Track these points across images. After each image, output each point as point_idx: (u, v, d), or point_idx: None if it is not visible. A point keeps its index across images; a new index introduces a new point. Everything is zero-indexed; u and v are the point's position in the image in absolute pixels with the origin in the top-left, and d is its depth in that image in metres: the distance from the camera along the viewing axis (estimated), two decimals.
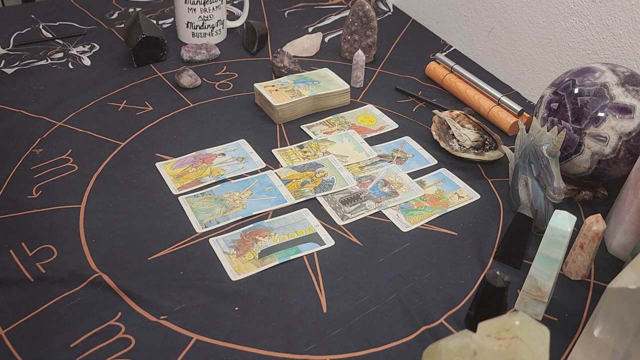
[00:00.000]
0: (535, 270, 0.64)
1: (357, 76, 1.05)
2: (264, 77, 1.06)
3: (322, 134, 0.94)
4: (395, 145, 0.93)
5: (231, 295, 0.67)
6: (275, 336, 0.64)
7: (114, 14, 1.24)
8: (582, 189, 0.84)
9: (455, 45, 1.21)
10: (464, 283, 0.71)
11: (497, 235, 0.78)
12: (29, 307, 0.64)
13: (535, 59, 1.04)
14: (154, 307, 0.65)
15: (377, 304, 0.68)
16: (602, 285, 0.72)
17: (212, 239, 0.74)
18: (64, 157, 0.86)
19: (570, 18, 0.96)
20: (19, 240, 0.72)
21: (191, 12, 1.11)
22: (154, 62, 1.08)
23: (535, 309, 0.66)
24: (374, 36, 1.11)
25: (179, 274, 0.69)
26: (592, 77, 0.77)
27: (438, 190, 0.84)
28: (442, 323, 0.66)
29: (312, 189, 0.82)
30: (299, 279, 0.70)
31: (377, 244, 0.75)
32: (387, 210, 0.80)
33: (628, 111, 0.74)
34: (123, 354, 0.60)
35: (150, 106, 0.97)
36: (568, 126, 0.77)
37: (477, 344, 0.47)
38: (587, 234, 0.69)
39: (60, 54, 1.09)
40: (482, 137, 0.93)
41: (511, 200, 0.82)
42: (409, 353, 0.63)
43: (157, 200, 0.79)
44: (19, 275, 0.68)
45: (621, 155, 0.76)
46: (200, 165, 0.85)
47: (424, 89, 1.08)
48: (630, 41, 0.88)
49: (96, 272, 0.68)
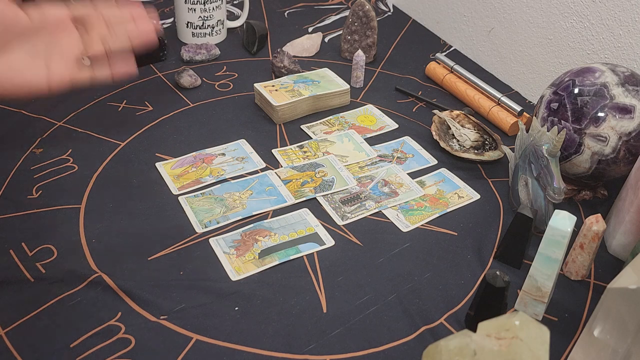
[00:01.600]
0: (535, 270, 0.64)
1: (357, 76, 1.05)
2: (264, 77, 1.06)
3: (322, 134, 0.94)
4: (395, 145, 0.93)
5: (231, 295, 0.67)
6: (275, 336, 0.64)
7: None
8: (582, 189, 0.84)
9: (455, 45, 1.21)
10: (464, 283, 0.71)
11: (497, 235, 0.78)
12: (29, 307, 0.64)
13: (535, 59, 1.04)
14: (154, 307, 0.65)
15: (377, 304, 0.68)
16: (602, 285, 0.72)
17: (212, 239, 0.74)
18: (64, 157, 0.86)
19: (570, 18, 0.96)
20: (19, 240, 0.72)
21: (191, 12, 1.11)
22: (154, 62, 1.08)
23: (535, 309, 0.66)
24: (374, 36, 1.11)
25: (179, 274, 0.69)
26: (592, 77, 0.77)
27: (438, 190, 0.84)
28: (442, 323, 0.66)
29: (312, 189, 0.82)
30: (299, 279, 0.70)
31: (377, 244, 0.75)
32: (387, 210, 0.80)
33: (628, 111, 0.74)
34: (123, 354, 0.60)
35: (150, 106, 0.97)
36: (568, 126, 0.77)
37: (477, 344, 0.47)
38: (587, 234, 0.69)
39: None
40: (482, 137, 0.93)
41: (511, 200, 0.82)
42: (409, 353, 0.63)
43: (157, 200, 0.79)
44: (19, 275, 0.68)
45: (621, 155, 0.76)
46: (200, 165, 0.85)
47: (424, 89, 1.08)
48: (630, 41, 0.88)
49: (96, 272, 0.68)
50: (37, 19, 0.59)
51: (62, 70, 0.59)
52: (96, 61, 0.61)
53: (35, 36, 0.59)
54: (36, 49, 0.59)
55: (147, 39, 0.63)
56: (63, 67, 0.59)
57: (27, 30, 0.58)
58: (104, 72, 0.62)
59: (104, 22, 0.61)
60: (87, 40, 0.61)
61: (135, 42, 0.62)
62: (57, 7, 0.61)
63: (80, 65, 0.60)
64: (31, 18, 0.59)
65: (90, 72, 0.61)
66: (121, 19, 0.62)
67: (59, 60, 0.59)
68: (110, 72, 0.62)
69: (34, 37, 0.59)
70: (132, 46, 0.62)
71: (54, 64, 0.59)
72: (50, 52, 0.59)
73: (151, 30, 0.63)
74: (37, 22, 0.59)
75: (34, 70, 0.58)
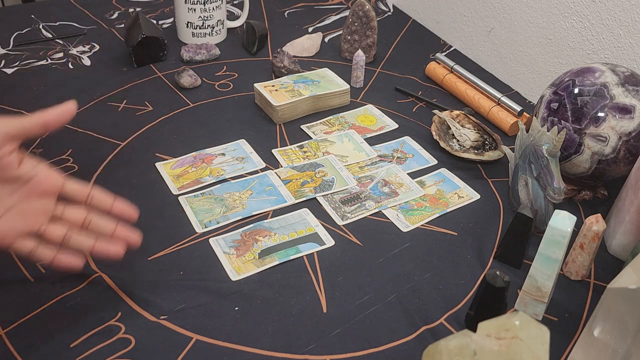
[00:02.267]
0: (535, 270, 0.64)
1: (357, 76, 1.05)
2: (264, 77, 1.06)
3: (322, 134, 0.94)
4: (395, 145, 0.93)
5: (231, 295, 0.67)
6: (275, 336, 0.64)
7: (114, 14, 1.24)
8: (582, 189, 0.84)
9: (455, 45, 1.21)
10: (464, 283, 0.71)
11: (497, 235, 0.78)
12: (29, 307, 0.64)
13: (535, 59, 1.04)
14: (154, 307, 0.65)
15: (377, 304, 0.68)
16: (602, 285, 0.72)
17: (212, 239, 0.74)
18: (64, 157, 0.86)
19: (570, 18, 0.96)
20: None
21: (191, 12, 1.11)
22: (154, 62, 1.08)
23: (535, 309, 0.66)
24: (374, 36, 1.11)
25: (179, 274, 0.69)
26: (592, 77, 0.77)
27: (438, 190, 0.84)
28: (442, 323, 0.66)
29: (312, 189, 0.82)
30: (299, 279, 0.70)
31: (377, 244, 0.75)
32: (387, 210, 0.80)
33: (628, 111, 0.74)
34: (123, 354, 0.60)
35: (150, 106, 0.97)
36: (568, 126, 0.77)
37: (477, 344, 0.47)
38: (587, 234, 0.69)
39: (60, 54, 1.09)
40: (482, 137, 0.93)
41: (511, 200, 0.82)
42: (409, 353, 0.63)
43: (157, 200, 0.79)
44: (19, 275, 0.68)
45: (621, 155, 0.76)
46: (200, 165, 0.85)
47: (424, 89, 1.08)
48: (630, 41, 0.88)
49: (96, 272, 0.68)
50: (28, 171, 0.56)
51: (7, 233, 0.55)
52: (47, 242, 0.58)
53: (11, 186, 0.55)
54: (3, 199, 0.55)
55: (108, 256, 0.60)
56: (11, 231, 0.55)
57: (9, 175, 0.55)
58: (47, 255, 0.58)
59: (83, 217, 0.59)
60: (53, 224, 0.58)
61: (94, 254, 0.60)
62: (55, 173, 0.58)
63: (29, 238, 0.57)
64: (23, 168, 0.56)
65: (32, 248, 0.57)
66: (100, 228, 0.60)
67: (13, 223, 0.55)
68: (52, 259, 0.58)
69: (9, 187, 0.55)
70: (88, 253, 0.60)
71: (4, 224, 0.55)
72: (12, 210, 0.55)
73: (118, 254, 0.60)
74: (25, 174, 0.56)
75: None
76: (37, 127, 0.56)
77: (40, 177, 0.57)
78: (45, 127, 0.57)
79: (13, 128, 0.55)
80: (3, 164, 0.54)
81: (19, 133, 0.55)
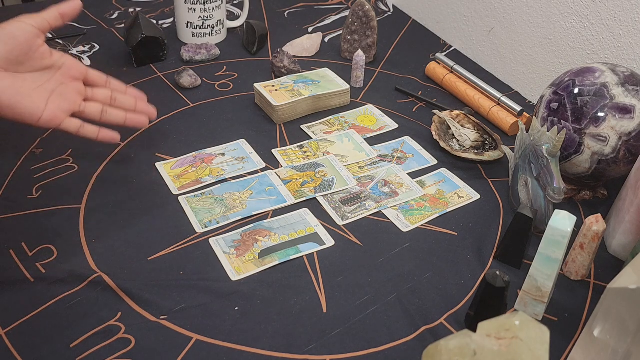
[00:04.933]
0: (535, 270, 0.64)
1: (357, 76, 1.05)
2: (264, 77, 1.06)
3: (322, 134, 0.94)
4: (395, 145, 0.93)
5: (231, 295, 0.67)
6: (275, 336, 0.64)
7: (114, 14, 1.24)
8: (582, 189, 0.84)
9: (455, 45, 1.21)
10: (464, 283, 0.71)
11: (497, 235, 0.78)
12: (29, 307, 0.64)
13: (535, 59, 1.04)
14: (154, 307, 0.65)
15: (377, 304, 0.68)
16: (602, 285, 0.72)
17: (212, 239, 0.74)
18: (64, 157, 0.86)
19: (570, 18, 0.96)
20: (19, 240, 0.72)
21: (191, 12, 1.11)
22: (154, 62, 1.08)
23: (535, 309, 0.66)
24: (374, 36, 1.11)
25: (179, 274, 0.69)
26: (592, 77, 0.77)
27: (438, 190, 0.84)
28: (442, 323, 0.66)
29: (312, 189, 0.82)
30: (299, 279, 0.70)
31: (377, 244, 0.75)
32: (387, 210, 0.80)
33: (628, 111, 0.74)
34: (123, 354, 0.60)
35: None
36: (568, 126, 0.77)
37: (477, 344, 0.48)
38: (587, 234, 0.69)
39: None
40: (482, 137, 0.93)
41: (511, 200, 0.82)
42: (409, 353, 0.63)
43: (157, 200, 0.79)
44: (19, 275, 0.68)
45: (621, 155, 0.76)
46: (200, 165, 0.85)
47: (424, 89, 1.08)
48: (630, 41, 0.88)
49: (96, 272, 0.68)
50: (58, 59, 0.65)
51: (56, 113, 0.64)
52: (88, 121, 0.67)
53: (49, 73, 0.64)
54: (45, 84, 0.64)
55: (138, 124, 0.71)
56: (59, 111, 0.64)
57: (45, 64, 0.64)
58: (91, 131, 0.68)
59: (109, 96, 0.70)
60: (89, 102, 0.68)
61: (126, 124, 0.70)
62: (78, 61, 0.68)
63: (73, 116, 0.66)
64: (54, 56, 0.65)
65: (79, 126, 0.66)
66: (125, 105, 0.70)
67: (58, 103, 0.64)
68: (96, 134, 0.68)
69: (47, 73, 0.64)
70: (123, 124, 0.70)
71: (52, 104, 0.63)
72: (55, 92, 0.64)
73: (145, 121, 0.72)
74: (57, 62, 0.65)
75: (34, 101, 0.62)
76: (56, 18, 0.64)
77: (68, 64, 0.66)
78: (63, 17, 0.65)
79: (38, 22, 0.62)
80: (39, 54, 0.62)
81: (44, 26, 0.63)
